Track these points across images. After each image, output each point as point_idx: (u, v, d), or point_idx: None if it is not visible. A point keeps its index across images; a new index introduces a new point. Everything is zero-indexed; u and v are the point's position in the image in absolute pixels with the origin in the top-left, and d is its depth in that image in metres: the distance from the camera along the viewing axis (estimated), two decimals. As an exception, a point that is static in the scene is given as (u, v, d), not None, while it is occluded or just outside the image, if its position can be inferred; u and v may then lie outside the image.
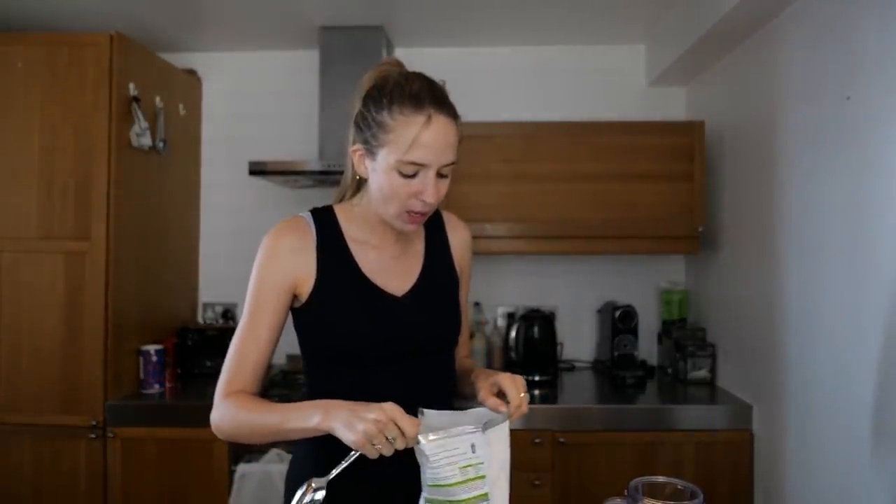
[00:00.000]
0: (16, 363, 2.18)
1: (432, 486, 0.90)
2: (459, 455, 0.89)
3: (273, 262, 1.10)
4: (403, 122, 1.01)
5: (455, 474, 0.89)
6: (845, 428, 1.60)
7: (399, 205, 1.05)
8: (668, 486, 1.00)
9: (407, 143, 1.00)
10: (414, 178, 1.03)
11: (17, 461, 2.17)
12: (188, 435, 2.16)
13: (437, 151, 1.02)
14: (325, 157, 2.53)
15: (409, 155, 1.00)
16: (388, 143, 1.02)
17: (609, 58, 2.79)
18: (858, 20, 1.56)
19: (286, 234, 1.12)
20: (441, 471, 0.89)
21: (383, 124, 1.02)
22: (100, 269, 2.17)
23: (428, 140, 1.00)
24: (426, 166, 1.02)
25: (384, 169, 1.03)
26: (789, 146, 1.89)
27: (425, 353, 1.14)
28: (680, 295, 2.68)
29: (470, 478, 0.89)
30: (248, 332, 1.10)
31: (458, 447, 0.89)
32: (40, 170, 2.18)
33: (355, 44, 2.57)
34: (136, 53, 2.31)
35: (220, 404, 1.07)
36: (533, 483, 2.09)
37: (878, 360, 1.48)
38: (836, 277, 1.65)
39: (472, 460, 0.90)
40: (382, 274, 1.14)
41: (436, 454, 0.88)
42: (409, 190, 1.03)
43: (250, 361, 1.09)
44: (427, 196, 1.03)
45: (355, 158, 1.10)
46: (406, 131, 1.00)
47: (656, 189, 2.37)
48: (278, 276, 1.10)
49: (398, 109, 1.01)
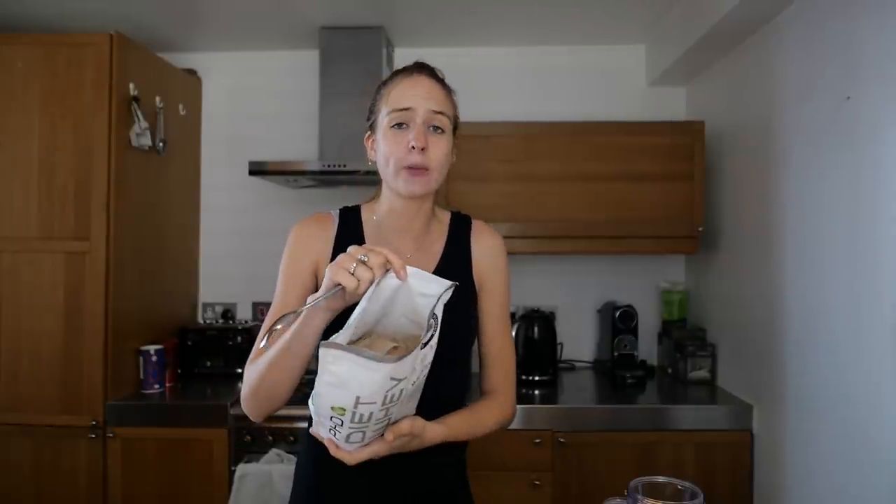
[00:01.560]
0: (16, 363, 2.18)
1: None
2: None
3: (296, 247, 1.17)
4: (392, 84, 1.14)
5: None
6: (845, 428, 1.60)
7: (396, 161, 1.10)
8: (668, 486, 1.00)
9: (397, 96, 1.11)
10: (405, 129, 1.10)
11: (17, 461, 2.17)
12: (188, 435, 2.16)
13: (420, 97, 1.10)
14: (325, 157, 2.54)
15: (395, 103, 1.10)
16: (382, 107, 1.13)
17: (609, 58, 2.79)
18: (857, 20, 1.56)
19: (309, 223, 1.20)
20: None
21: (380, 96, 1.16)
22: (100, 270, 2.17)
23: (409, 86, 1.11)
24: (412, 110, 1.10)
25: (382, 133, 1.12)
26: (789, 146, 1.89)
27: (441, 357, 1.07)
28: (680, 295, 2.68)
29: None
30: (277, 307, 1.14)
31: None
32: (40, 170, 2.18)
33: (355, 44, 2.57)
34: (136, 53, 2.31)
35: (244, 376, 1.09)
36: (533, 483, 2.09)
37: (878, 360, 1.48)
38: (835, 277, 1.65)
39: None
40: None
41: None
42: (402, 141, 1.09)
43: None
44: (415, 141, 1.08)
45: (368, 145, 1.20)
46: (395, 89, 1.12)
47: (656, 189, 2.37)
48: (301, 258, 1.16)
49: (391, 82, 1.15)
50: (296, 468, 1.24)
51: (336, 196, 2.83)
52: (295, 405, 2.31)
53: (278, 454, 2.09)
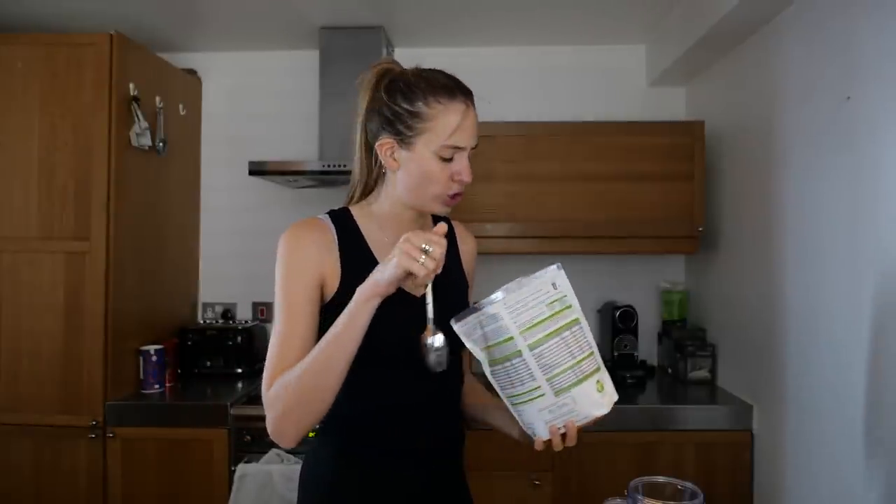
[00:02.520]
0: (16, 363, 2.18)
1: (527, 329, 0.95)
2: (543, 294, 0.96)
3: (300, 256, 1.09)
4: (442, 110, 1.06)
5: (544, 311, 0.95)
6: (845, 428, 1.60)
7: (439, 188, 1.09)
8: (668, 486, 1.00)
9: (449, 129, 1.06)
10: (450, 161, 1.08)
11: (17, 461, 2.17)
12: (188, 435, 2.16)
13: (472, 135, 1.09)
14: (325, 157, 2.53)
15: (452, 139, 1.06)
16: (428, 130, 1.06)
17: (609, 58, 2.79)
18: (857, 21, 1.56)
19: (307, 229, 1.13)
20: (529, 313, 0.94)
21: (420, 114, 1.07)
22: (100, 270, 2.16)
23: (467, 125, 1.08)
24: (463, 149, 1.08)
25: (424, 156, 1.07)
26: (789, 146, 1.89)
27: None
28: (680, 295, 2.68)
29: (557, 310, 0.96)
30: (286, 332, 1.05)
31: (540, 289, 0.96)
32: (40, 170, 2.18)
33: (355, 44, 2.57)
34: (136, 53, 2.31)
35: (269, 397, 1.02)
36: (533, 483, 2.09)
37: (878, 360, 1.48)
38: (835, 277, 1.65)
39: (556, 295, 0.96)
40: None
41: (520, 301, 0.94)
42: (448, 173, 1.08)
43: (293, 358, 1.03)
44: (465, 176, 1.09)
45: (382, 152, 1.11)
46: (446, 118, 1.06)
47: (656, 189, 2.37)
48: (307, 268, 1.09)
49: (434, 99, 1.07)
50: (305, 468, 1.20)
51: (336, 196, 2.82)
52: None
53: (278, 454, 2.09)
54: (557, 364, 0.95)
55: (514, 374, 0.97)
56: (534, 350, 0.95)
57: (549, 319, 0.95)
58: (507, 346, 0.95)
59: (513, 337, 0.95)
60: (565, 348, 0.95)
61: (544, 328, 0.95)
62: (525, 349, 0.95)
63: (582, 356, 0.97)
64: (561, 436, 0.99)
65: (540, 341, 0.95)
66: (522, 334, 0.94)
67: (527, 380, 0.96)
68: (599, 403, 0.99)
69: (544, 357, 0.95)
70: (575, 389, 0.96)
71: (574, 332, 0.97)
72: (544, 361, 0.95)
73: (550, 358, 0.95)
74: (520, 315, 0.94)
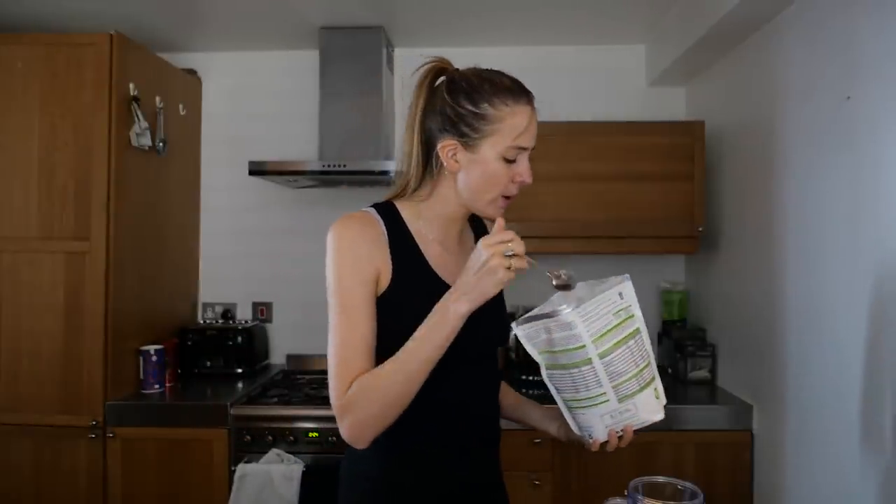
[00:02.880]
0: (16, 363, 2.18)
1: (599, 337, 0.97)
2: (611, 304, 0.99)
3: (356, 251, 1.07)
4: (509, 112, 1.07)
5: (612, 320, 0.98)
6: (845, 428, 1.60)
7: (499, 190, 1.10)
8: (668, 486, 1.00)
9: (517, 131, 1.07)
10: (513, 162, 1.09)
11: (17, 461, 2.17)
12: (188, 435, 2.16)
13: (535, 135, 1.11)
14: (325, 157, 2.53)
15: (518, 141, 1.07)
16: (495, 132, 1.07)
17: (609, 58, 2.79)
18: (858, 20, 1.56)
19: (361, 224, 1.10)
20: (600, 322, 0.97)
21: (486, 116, 1.07)
22: (100, 270, 2.17)
23: (533, 126, 1.10)
24: (526, 150, 1.10)
25: (489, 158, 1.08)
26: (789, 146, 1.89)
27: (486, 351, 1.20)
28: (680, 295, 2.68)
29: (623, 319, 0.99)
30: (350, 334, 1.04)
31: (609, 298, 0.99)
32: (40, 170, 2.18)
33: (355, 44, 2.57)
34: (136, 53, 2.31)
35: (346, 402, 1.00)
36: (533, 483, 2.09)
37: (879, 360, 1.48)
38: (835, 277, 1.65)
39: (622, 305, 1.00)
40: (447, 270, 1.15)
41: (592, 310, 0.97)
42: (509, 174, 1.09)
43: (359, 358, 1.03)
44: (527, 177, 1.11)
45: (444, 153, 1.09)
46: (514, 120, 1.07)
47: (656, 189, 2.37)
48: (364, 265, 1.06)
49: (501, 101, 1.07)
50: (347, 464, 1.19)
51: (336, 196, 2.83)
52: (297, 405, 2.31)
53: (278, 454, 2.09)
54: (624, 372, 0.99)
55: (581, 380, 1.00)
56: (603, 358, 0.97)
57: (616, 329, 0.98)
58: (578, 353, 0.97)
59: (585, 345, 0.97)
60: (630, 357, 0.99)
61: (613, 337, 0.98)
62: (595, 357, 0.97)
63: (643, 364, 1.01)
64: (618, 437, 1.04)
65: (609, 350, 0.97)
66: (594, 343, 0.97)
67: (593, 386, 0.99)
68: (657, 409, 1.03)
69: (613, 365, 0.98)
70: (637, 396, 1.01)
71: (637, 342, 1.00)
72: (612, 369, 0.98)
73: (618, 366, 0.98)
74: (592, 324, 0.97)
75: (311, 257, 2.87)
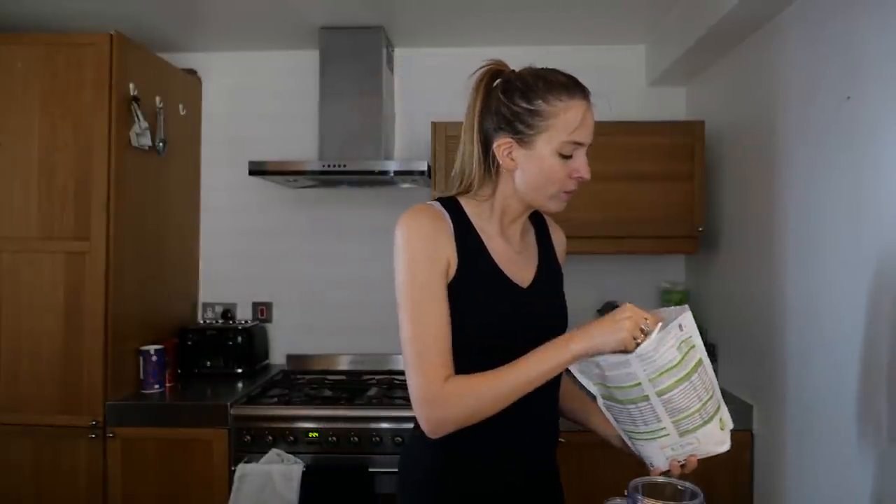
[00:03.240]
0: (16, 363, 2.18)
1: (657, 376, 0.95)
2: (672, 337, 0.95)
3: (428, 242, 1.08)
4: (563, 107, 1.08)
5: (674, 356, 0.95)
6: (845, 428, 1.60)
7: (558, 186, 1.12)
8: (668, 486, 1.00)
9: (572, 126, 1.08)
10: (569, 158, 1.10)
11: (17, 461, 2.17)
12: (188, 435, 2.16)
13: (591, 131, 1.12)
14: (325, 157, 2.53)
15: (573, 136, 1.08)
16: (549, 128, 1.08)
17: (609, 58, 2.79)
18: (858, 20, 1.56)
19: (431, 217, 1.11)
20: (659, 361, 0.94)
21: (541, 112, 1.08)
22: (100, 270, 2.16)
23: (588, 121, 1.11)
24: (582, 145, 1.11)
25: (545, 154, 1.09)
26: (789, 146, 1.89)
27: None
28: (680, 295, 2.67)
29: (685, 352, 0.96)
30: (436, 325, 1.05)
31: (669, 332, 0.96)
32: (40, 170, 2.18)
33: (355, 44, 2.57)
34: (136, 53, 2.31)
35: (438, 397, 1.02)
36: (533, 483, 2.09)
37: (879, 360, 1.48)
38: (836, 277, 1.65)
39: (683, 336, 0.96)
40: (510, 265, 1.17)
41: (650, 349, 0.94)
42: (567, 170, 1.11)
43: (435, 351, 1.04)
44: (584, 173, 1.12)
45: (500, 152, 1.12)
46: (568, 115, 1.08)
47: (656, 189, 2.37)
48: (438, 257, 1.08)
49: (555, 97, 1.09)
50: (406, 453, 1.24)
51: (336, 196, 2.83)
52: (297, 405, 2.31)
53: (278, 454, 2.09)
54: (685, 409, 0.96)
55: (638, 415, 0.98)
56: (662, 396, 0.95)
57: (678, 365, 0.95)
58: (633, 390, 0.96)
59: (640, 383, 0.95)
60: (693, 392, 0.96)
61: (674, 374, 0.95)
62: (653, 395, 0.95)
63: (707, 397, 0.98)
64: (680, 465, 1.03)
65: (669, 388, 0.95)
66: (651, 381, 0.95)
67: (651, 421, 0.97)
68: (722, 440, 1.01)
69: (672, 402, 0.96)
70: (700, 430, 0.98)
71: (700, 375, 0.97)
72: (672, 406, 0.96)
73: (678, 403, 0.96)
74: (650, 364, 0.94)
75: (311, 257, 2.89)
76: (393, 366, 2.77)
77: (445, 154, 2.41)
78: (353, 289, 2.80)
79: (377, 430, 2.12)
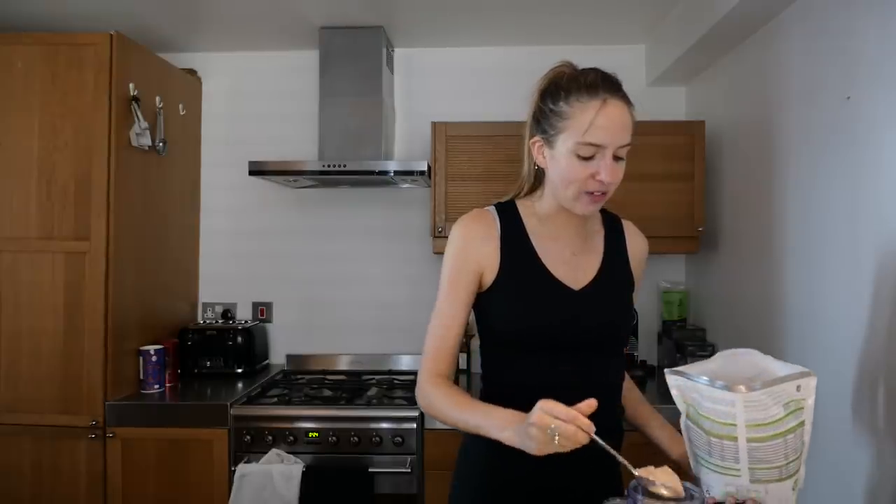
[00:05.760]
0: (16, 363, 2.18)
1: (755, 425, 0.93)
2: (784, 393, 0.93)
3: (463, 249, 1.18)
4: (580, 107, 1.08)
5: (779, 412, 0.92)
6: (844, 428, 1.60)
7: (577, 187, 1.11)
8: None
9: (584, 126, 1.07)
10: (591, 160, 1.09)
11: (17, 461, 2.17)
12: (188, 435, 2.16)
13: (612, 132, 1.08)
14: (325, 157, 2.53)
15: (587, 136, 1.07)
16: (567, 128, 1.09)
17: (609, 58, 2.74)
18: (858, 20, 1.56)
19: (473, 223, 1.20)
20: (763, 413, 0.92)
21: (561, 113, 1.10)
22: (100, 269, 2.17)
23: (603, 122, 1.07)
24: (603, 147, 1.08)
25: (563, 154, 1.10)
26: (789, 146, 1.89)
27: (597, 348, 1.19)
28: (680, 295, 2.67)
29: (791, 411, 0.93)
30: (446, 313, 1.17)
31: (784, 389, 0.93)
32: (40, 170, 2.18)
33: (355, 44, 2.56)
34: (136, 53, 2.31)
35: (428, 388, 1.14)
36: (533, 483, 2.09)
37: (878, 360, 1.48)
38: (835, 277, 1.65)
39: (796, 397, 0.94)
40: (562, 266, 1.18)
41: (759, 400, 0.92)
42: (587, 172, 1.10)
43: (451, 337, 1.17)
44: (604, 175, 1.09)
45: (534, 150, 1.18)
46: (583, 116, 1.08)
47: (656, 189, 2.37)
48: (469, 261, 1.18)
49: (575, 97, 1.09)
50: (462, 446, 1.27)
51: (336, 196, 2.83)
52: (297, 405, 2.31)
53: (278, 454, 2.09)
54: (768, 461, 0.94)
55: (718, 449, 0.96)
56: (751, 443, 0.93)
57: (779, 421, 0.93)
58: (725, 428, 0.93)
59: (735, 425, 0.93)
60: (782, 450, 0.94)
61: (771, 429, 0.93)
62: (742, 438, 0.93)
63: (794, 458, 0.95)
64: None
65: (761, 439, 0.93)
66: (747, 428, 0.93)
67: (728, 459, 0.95)
68: (787, 500, 0.97)
69: (758, 452, 0.93)
70: (773, 484, 0.95)
71: (797, 435, 0.95)
72: (756, 455, 0.93)
73: (764, 454, 0.93)
74: (754, 412, 0.92)
75: (311, 257, 2.89)
76: (393, 366, 2.77)
77: (445, 154, 2.41)
78: (353, 289, 2.80)
79: (377, 430, 2.12)
